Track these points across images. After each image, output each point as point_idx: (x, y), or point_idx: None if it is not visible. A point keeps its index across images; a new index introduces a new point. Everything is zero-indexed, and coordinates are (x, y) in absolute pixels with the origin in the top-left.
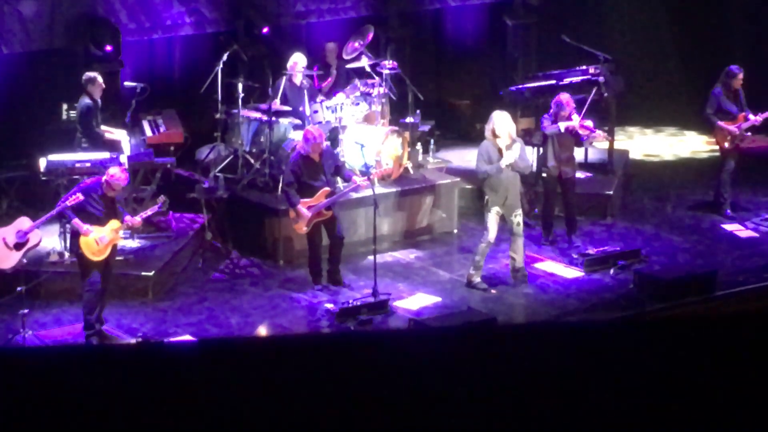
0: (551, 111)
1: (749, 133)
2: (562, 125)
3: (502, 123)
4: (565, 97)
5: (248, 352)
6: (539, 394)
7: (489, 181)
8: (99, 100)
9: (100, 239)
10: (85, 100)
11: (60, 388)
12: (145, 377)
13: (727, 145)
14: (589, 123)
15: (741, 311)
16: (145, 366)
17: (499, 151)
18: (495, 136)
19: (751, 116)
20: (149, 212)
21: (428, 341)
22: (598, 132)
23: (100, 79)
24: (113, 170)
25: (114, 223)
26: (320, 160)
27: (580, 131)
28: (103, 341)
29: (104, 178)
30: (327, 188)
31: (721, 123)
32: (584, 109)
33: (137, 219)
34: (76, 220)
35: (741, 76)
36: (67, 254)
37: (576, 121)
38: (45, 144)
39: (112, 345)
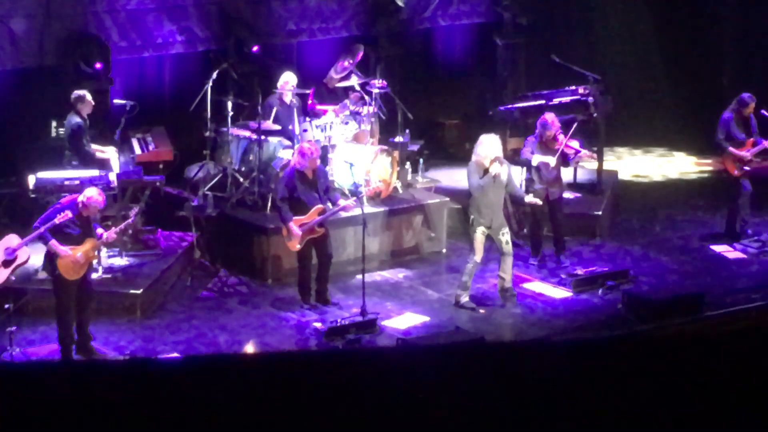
0: (537, 131)
1: (759, 159)
2: (535, 160)
3: (490, 147)
4: (550, 116)
5: (235, 370)
6: (527, 413)
7: (476, 203)
8: (87, 119)
9: (78, 259)
10: (75, 119)
11: (48, 403)
12: (133, 393)
13: (736, 172)
14: (575, 143)
15: (729, 331)
16: (133, 382)
17: (486, 171)
18: (483, 159)
19: (767, 143)
20: (123, 226)
21: (416, 360)
22: (584, 152)
23: (89, 96)
24: (90, 192)
25: (90, 242)
26: (314, 176)
27: (566, 151)
28: (91, 357)
29: (81, 198)
30: (320, 205)
31: (732, 149)
32: (571, 130)
33: (111, 233)
34: (54, 242)
35: (753, 105)
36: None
37: (555, 160)
38: (34, 161)
39: (99, 360)
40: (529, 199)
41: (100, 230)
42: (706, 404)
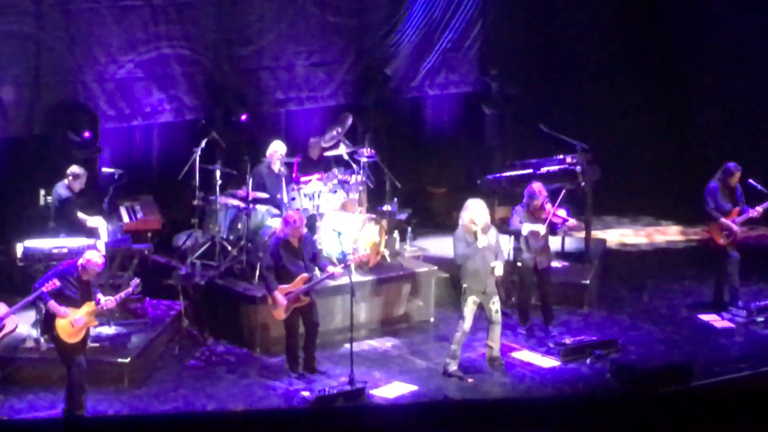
0: (524, 201)
1: (744, 228)
2: (525, 229)
3: (477, 211)
4: (537, 186)
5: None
6: None
7: (468, 270)
8: (76, 193)
9: (76, 321)
10: (64, 192)
11: None
12: None
13: (722, 241)
14: (562, 212)
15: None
16: None
17: (475, 235)
18: (470, 224)
19: (753, 211)
20: (123, 294)
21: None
22: (572, 220)
23: (84, 177)
24: (90, 254)
25: (89, 306)
26: (299, 245)
27: (554, 220)
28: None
29: (80, 261)
30: (305, 274)
31: (723, 220)
32: (558, 200)
33: (111, 301)
34: (53, 302)
35: (738, 174)
36: (43, 340)
37: (545, 228)
38: (22, 230)
39: (89, 418)
40: (497, 272)
41: (100, 296)
42: None
